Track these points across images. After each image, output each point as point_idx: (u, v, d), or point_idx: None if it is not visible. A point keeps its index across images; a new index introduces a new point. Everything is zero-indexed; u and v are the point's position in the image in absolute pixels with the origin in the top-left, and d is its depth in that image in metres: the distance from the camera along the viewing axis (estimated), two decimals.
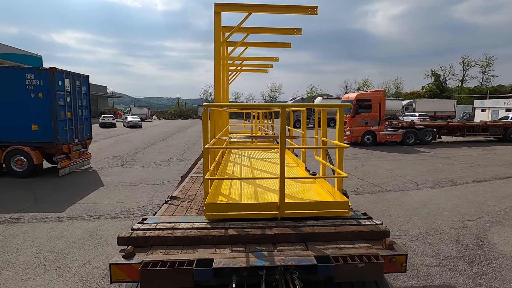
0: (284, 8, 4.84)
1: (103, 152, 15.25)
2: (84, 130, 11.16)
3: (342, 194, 3.06)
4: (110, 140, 20.88)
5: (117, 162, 12.74)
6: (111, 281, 2.11)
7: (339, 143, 3.11)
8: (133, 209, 6.95)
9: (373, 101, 17.07)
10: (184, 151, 15.85)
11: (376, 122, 17.21)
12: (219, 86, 5.10)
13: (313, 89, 63.37)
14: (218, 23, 4.71)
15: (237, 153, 6.22)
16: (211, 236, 2.38)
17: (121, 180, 9.59)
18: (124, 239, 2.33)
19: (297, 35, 6.29)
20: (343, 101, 18.66)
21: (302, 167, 4.71)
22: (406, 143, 17.73)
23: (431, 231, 5.75)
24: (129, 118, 34.62)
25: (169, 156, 14.12)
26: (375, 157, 13.97)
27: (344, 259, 2.12)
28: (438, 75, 53.54)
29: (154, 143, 19.21)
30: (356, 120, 17.13)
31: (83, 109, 11.11)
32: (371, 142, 17.32)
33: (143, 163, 12.53)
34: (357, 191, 8.45)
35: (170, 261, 2.06)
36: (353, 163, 12.53)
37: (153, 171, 10.99)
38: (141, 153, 15.17)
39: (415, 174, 10.40)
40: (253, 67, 10.46)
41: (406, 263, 2.25)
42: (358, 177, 10.05)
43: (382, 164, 12.30)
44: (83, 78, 11.13)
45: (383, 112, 17.18)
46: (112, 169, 11.34)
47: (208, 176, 2.80)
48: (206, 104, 2.86)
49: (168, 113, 65.46)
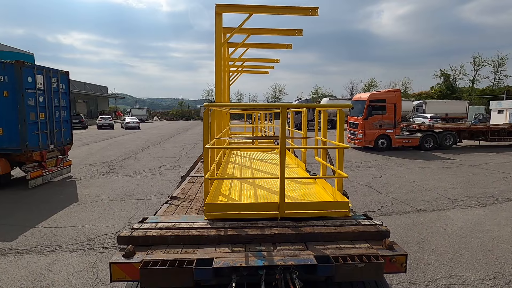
0: (285, 9, 4.79)
1: (91, 157, 13.88)
2: (63, 134, 9.77)
3: (342, 194, 3.04)
4: (102, 143, 19.53)
5: (103, 169, 11.34)
6: (111, 280, 2.09)
7: (339, 143, 3.08)
8: (103, 236, 5.51)
9: (388, 102, 15.52)
10: (180, 156, 14.43)
11: (391, 125, 15.65)
12: (219, 86, 5.01)
13: (318, 90, 61.83)
14: (219, 24, 4.71)
15: (238, 154, 6.12)
16: (211, 236, 2.38)
17: (100, 194, 8.17)
18: (124, 238, 2.33)
19: (298, 36, 6.22)
20: (354, 101, 17.13)
21: (303, 168, 4.65)
22: (424, 147, 16.14)
23: (495, 276, 4.23)
24: (127, 120, 33.31)
25: (162, 163, 12.69)
26: (393, 164, 12.43)
27: (344, 259, 2.11)
28: (448, 75, 51.70)
29: (149, 147, 17.82)
30: (369, 123, 15.59)
31: (62, 110, 9.72)
32: (385, 146, 15.76)
33: (131, 171, 11.11)
34: (381, 210, 6.94)
35: (170, 260, 2.06)
36: (370, 172, 11.00)
37: (140, 181, 9.56)
38: (132, 158, 13.76)
39: (446, 187, 8.86)
40: (254, 68, 10.48)
41: (406, 263, 2.22)
42: (379, 190, 8.53)
43: (403, 173, 10.76)
44: (62, 75, 9.75)
45: (399, 113, 15.62)
46: (94, 178, 9.94)
47: (208, 176, 2.80)
48: (207, 104, 2.87)
49: (170, 114, 64.22)
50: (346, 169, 11.62)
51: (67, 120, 10.10)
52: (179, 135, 25.86)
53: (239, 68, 10.05)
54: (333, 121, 31.36)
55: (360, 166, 12.02)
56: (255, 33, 6.31)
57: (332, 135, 3.11)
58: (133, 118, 34.24)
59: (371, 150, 15.80)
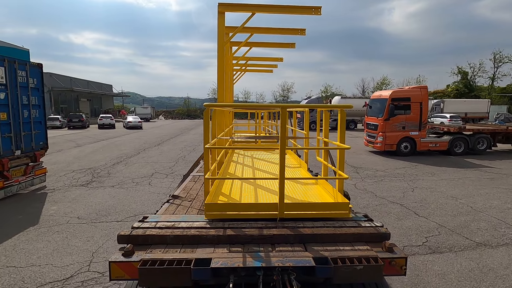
0: (287, 9, 4.84)
1: (77, 162, 12.42)
2: (34, 138, 8.28)
3: (343, 195, 2.97)
4: (97, 145, 18.13)
5: (85, 177, 9.84)
6: (110, 278, 2.09)
7: (340, 144, 2.99)
8: (46, 286, 3.93)
9: (412, 100, 13.64)
10: (177, 160, 12.86)
11: (416, 126, 13.77)
12: (222, 85, 5.03)
13: (328, 88, 59.73)
14: (221, 23, 4.79)
15: (240, 153, 6.09)
16: (210, 236, 2.37)
17: (70, 212, 6.64)
18: (124, 237, 2.32)
19: (302, 35, 6.23)
20: (373, 100, 15.30)
21: (305, 168, 4.58)
22: (454, 152, 14.21)
23: None
24: (128, 119, 32.02)
25: (156, 169, 11.14)
26: (423, 173, 10.60)
27: (342, 261, 2.08)
28: (466, 72, 48.95)
29: (146, 149, 16.32)
30: (391, 124, 13.75)
31: (33, 110, 8.23)
32: (409, 151, 13.90)
33: (117, 180, 9.58)
34: (427, 244, 5.20)
35: (168, 260, 2.06)
36: (397, 183, 9.22)
37: (124, 194, 8.01)
38: (124, 163, 12.25)
39: (501, 207, 7.05)
40: (258, 67, 10.46)
41: (406, 266, 2.19)
42: (416, 211, 6.77)
43: (439, 186, 8.94)
44: (32, 67, 8.26)
45: (425, 114, 13.74)
46: (71, 190, 8.43)
47: (208, 176, 2.81)
48: (207, 104, 2.89)
49: (175, 113, 62.99)
50: (368, 178, 9.97)
51: (40, 121, 8.60)
52: (181, 136, 24.36)
53: (242, 66, 9.94)
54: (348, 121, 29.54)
55: (383, 176, 10.24)
56: (258, 32, 6.27)
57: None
58: (135, 117, 32.93)
59: (392, 155, 13.97)
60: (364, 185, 8.99)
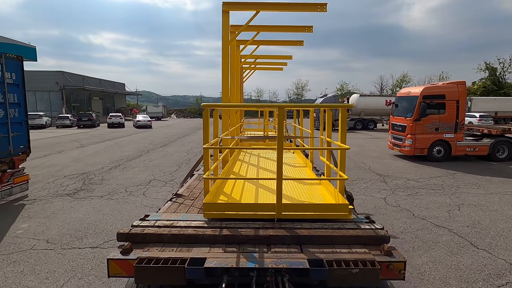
0: (292, 6, 4.84)
1: (73, 166, 11.43)
2: (12, 141, 7.22)
3: (344, 196, 2.93)
4: (100, 145, 17.25)
5: (75, 185, 8.77)
6: (108, 275, 2.13)
7: (342, 144, 2.86)
8: None
9: (447, 98, 11.89)
10: (180, 165, 11.67)
11: (451, 128, 12.02)
12: (226, 84, 5.08)
13: (344, 86, 57.52)
14: (226, 22, 4.82)
15: (247, 152, 5.95)
16: (206, 236, 2.37)
17: (40, 232, 5.51)
18: (123, 235, 2.35)
19: (309, 33, 6.20)
20: (400, 98, 13.62)
21: (310, 168, 4.52)
22: (496, 158, 12.34)
23: None
24: (138, 118, 31.29)
25: (155, 175, 9.97)
26: (465, 184, 8.94)
27: (338, 264, 2.04)
28: (495, 68, 45.66)
29: (150, 151, 15.26)
30: (422, 125, 12.05)
31: (11, 109, 7.18)
32: (442, 155, 12.16)
33: (110, 187, 8.45)
34: None
35: (164, 259, 2.07)
36: (437, 198, 7.64)
37: (111, 207, 6.84)
38: (122, 167, 11.16)
39: None
40: (268, 65, 10.49)
41: (405, 270, 2.13)
42: (472, 241, 5.23)
43: (490, 203, 7.31)
44: (8, 60, 7.18)
45: (462, 113, 11.97)
46: (54, 200, 7.34)
47: (207, 176, 2.83)
48: (204, 104, 2.87)
49: (187, 112, 62.36)
50: (399, 190, 8.43)
51: (21, 122, 7.56)
52: (190, 135, 23.28)
53: (251, 65, 9.81)
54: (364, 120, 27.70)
55: (418, 187, 8.66)
56: (264, 30, 6.26)
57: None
58: (145, 116, 32.19)
59: (422, 160, 12.27)
60: (396, 200, 7.47)
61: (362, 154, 14.09)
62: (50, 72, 37.32)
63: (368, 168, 11.17)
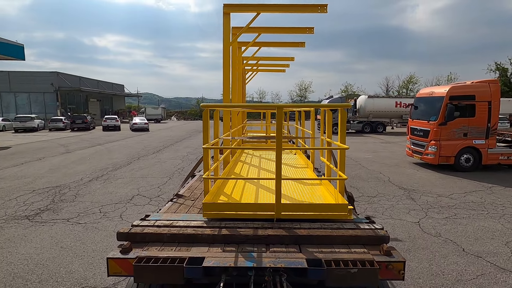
0: (293, 7, 4.89)
1: (48, 176, 10.00)
2: None
3: (344, 196, 2.94)
4: (89, 151, 15.83)
5: (41, 202, 7.32)
6: (108, 274, 2.15)
7: (341, 144, 2.89)
8: None
9: (478, 99, 10.38)
10: (172, 175, 10.21)
11: (481, 133, 10.50)
12: (228, 85, 5.13)
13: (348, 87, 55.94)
14: (227, 23, 4.89)
15: (249, 153, 6.02)
16: (205, 235, 2.38)
17: None
18: (123, 234, 2.37)
19: (310, 34, 6.29)
20: (421, 99, 12.12)
21: (311, 168, 4.53)
22: None
23: None
24: (134, 120, 29.89)
25: (140, 189, 8.52)
26: (510, 202, 7.40)
27: (337, 264, 2.05)
28: (506, 69, 43.99)
29: (141, 157, 13.82)
30: (448, 130, 10.54)
31: None
32: (471, 165, 10.62)
33: (82, 206, 7.01)
34: None
35: (163, 258, 2.08)
36: (487, 223, 6.10)
37: (74, 238, 5.39)
38: (104, 178, 9.72)
39: None
40: (270, 67, 10.58)
41: (404, 270, 2.12)
42: None
43: None
44: None
45: (495, 116, 10.44)
46: (6, 226, 5.89)
47: (206, 176, 2.85)
48: (203, 105, 2.90)
49: (188, 114, 61.02)
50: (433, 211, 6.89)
51: None
52: (188, 140, 21.84)
53: (253, 66, 9.95)
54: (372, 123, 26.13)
55: (454, 206, 7.15)
56: (265, 32, 6.37)
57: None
58: (142, 119, 30.78)
59: (448, 170, 10.74)
60: (434, 226, 5.97)
61: (377, 162, 12.57)
62: (45, 73, 36.06)
63: (388, 179, 9.66)
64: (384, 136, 23.66)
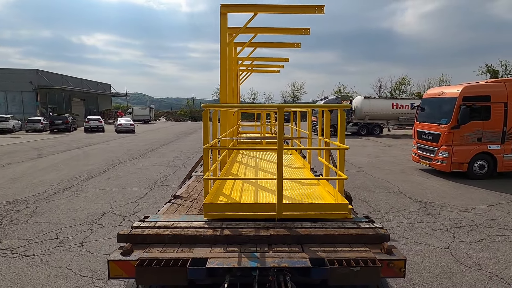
0: (290, 8, 4.94)
1: (6, 188, 8.56)
2: None
3: (343, 196, 2.91)
4: (63, 156, 14.31)
5: None
6: (109, 277, 2.12)
7: (340, 144, 2.88)
8: None
9: (493, 100, 9.48)
10: (154, 185, 8.90)
11: (497, 138, 9.59)
12: (225, 86, 5.21)
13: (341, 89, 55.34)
14: (224, 24, 4.90)
15: (245, 154, 6.07)
16: (207, 236, 2.36)
17: None
18: (123, 236, 2.33)
19: (306, 35, 6.29)
20: (428, 99, 11.16)
21: (308, 168, 4.57)
22: None
23: None
24: (119, 121, 28.27)
25: (113, 204, 7.20)
26: None
27: (339, 262, 2.06)
28: (496, 71, 44.14)
29: (121, 163, 12.44)
30: (461, 134, 9.58)
31: None
32: (485, 172, 9.69)
33: (37, 229, 5.69)
34: None
35: (165, 259, 2.06)
36: None
37: (14, 278, 4.10)
38: (73, 190, 8.34)
39: None
40: (264, 68, 10.55)
41: (405, 268, 2.14)
42: None
43: None
44: None
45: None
46: None
47: (207, 176, 2.84)
48: (204, 105, 2.88)
49: (177, 114, 59.29)
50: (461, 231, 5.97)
51: None
52: (176, 142, 20.47)
53: (248, 67, 10.04)
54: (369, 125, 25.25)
55: (482, 225, 6.11)
56: (261, 33, 6.34)
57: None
58: (127, 120, 29.19)
59: (460, 177, 9.78)
60: (468, 253, 4.90)
61: (381, 168, 11.55)
62: (23, 71, 33.94)
63: (398, 190, 8.61)
64: (382, 139, 22.80)
